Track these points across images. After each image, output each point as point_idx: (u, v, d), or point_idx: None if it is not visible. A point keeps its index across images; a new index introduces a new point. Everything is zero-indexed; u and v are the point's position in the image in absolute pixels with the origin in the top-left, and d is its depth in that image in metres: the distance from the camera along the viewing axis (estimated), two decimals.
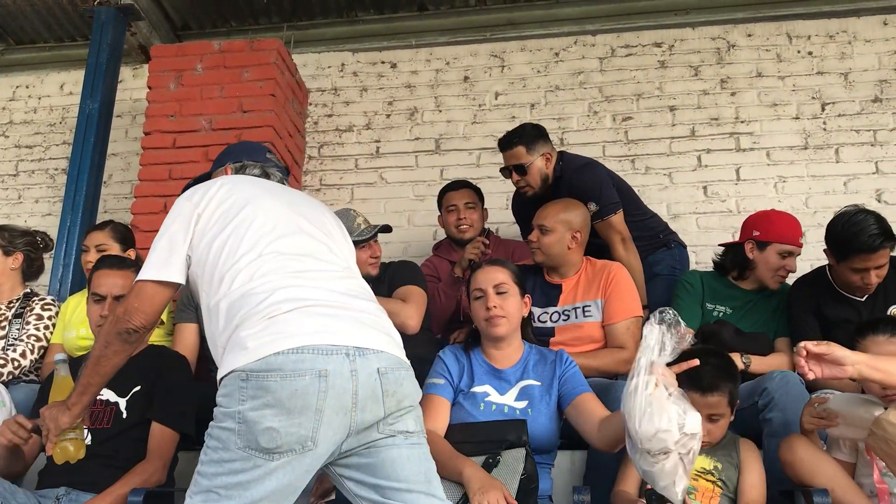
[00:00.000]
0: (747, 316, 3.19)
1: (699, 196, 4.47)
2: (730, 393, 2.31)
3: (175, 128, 4.39)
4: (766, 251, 3.15)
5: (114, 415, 2.54)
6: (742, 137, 4.52)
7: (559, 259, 3.19)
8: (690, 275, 3.33)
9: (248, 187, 2.12)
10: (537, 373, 2.53)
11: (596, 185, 3.54)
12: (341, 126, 4.92)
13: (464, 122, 4.82)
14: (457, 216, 3.88)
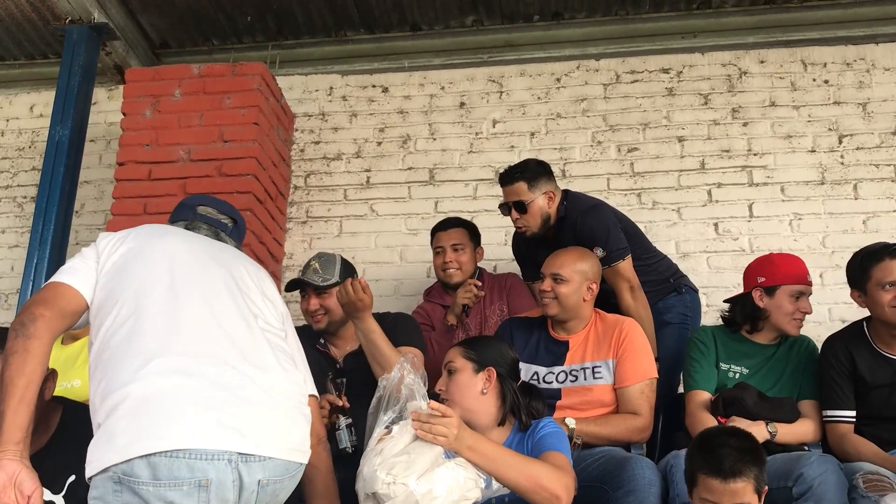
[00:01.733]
0: (766, 375, 2.98)
1: (710, 233, 4.26)
2: (755, 478, 2.08)
3: (151, 158, 4.14)
4: (777, 296, 2.97)
5: None
6: (755, 171, 4.31)
7: (573, 312, 2.99)
8: (703, 333, 3.11)
9: (153, 239, 2.06)
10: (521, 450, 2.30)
11: (603, 229, 3.34)
12: (329, 154, 4.68)
13: (459, 150, 4.59)
14: (443, 259, 3.66)
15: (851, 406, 2.79)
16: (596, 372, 2.91)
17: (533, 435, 2.35)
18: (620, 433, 2.82)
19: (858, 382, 2.81)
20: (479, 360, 2.37)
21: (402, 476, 1.83)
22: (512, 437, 2.37)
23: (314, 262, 3.11)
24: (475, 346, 2.43)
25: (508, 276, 3.78)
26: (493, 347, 2.46)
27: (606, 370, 2.90)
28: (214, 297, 1.97)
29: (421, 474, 1.85)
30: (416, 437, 1.93)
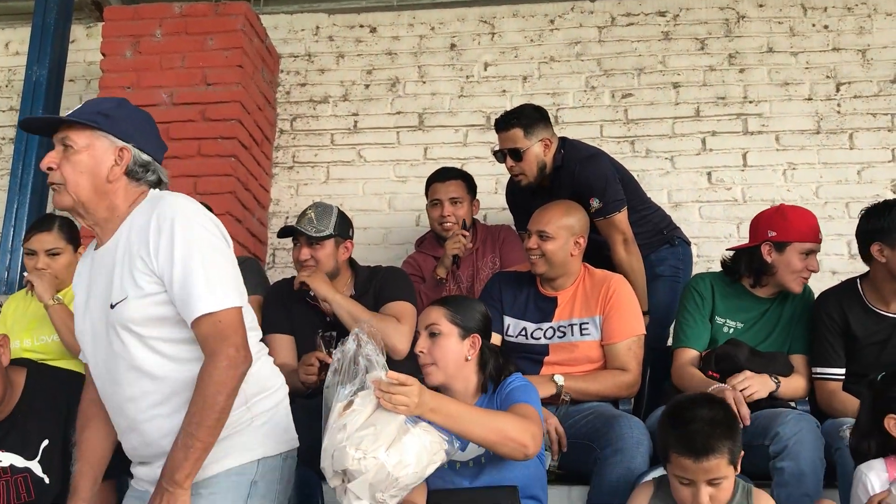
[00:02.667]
0: (760, 329, 2.94)
1: (703, 183, 4.23)
2: (729, 451, 2.02)
3: (132, 101, 3.96)
4: (786, 253, 2.83)
5: (32, 484, 2.21)
6: (750, 119, 4.25)
7: (561, 268, 2.95)
8: (700, 282, 3.01)
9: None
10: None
11: (601, 180, 3.29)
12: (316, 97, 4.58)
13: (450, 94, 4.50)
14: (441, 212, 3.61)
15: (841, 364, 2.79)
16: (583, 328, 2.90)
17: (500, 393, 2.32)
18: (608, 389, 2.82)
19: (850, 339, 2.79)
20: (464, 325, 2.32)
21: (371, 449, 1.80)
22: (482, 400, 2.34)
23: (310, 212, 3.04)
24: (461, 310, 2.35)
25: (502, 229, 3.74)
26: (476, 311, 2.40)
27: (594, 327, 2.89)
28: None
29: (389, 445, 1.83)
30: (378, 408, 1.88)
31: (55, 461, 2.22)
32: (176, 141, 3.94)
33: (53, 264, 3.12)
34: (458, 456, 2.17)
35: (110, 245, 1.95)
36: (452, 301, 2.41)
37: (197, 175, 3.91)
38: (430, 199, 3.69)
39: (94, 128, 1.93)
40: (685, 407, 2.13)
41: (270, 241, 4.44)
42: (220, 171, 3.91)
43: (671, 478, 2.09)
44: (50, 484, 2.22)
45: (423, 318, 2.35)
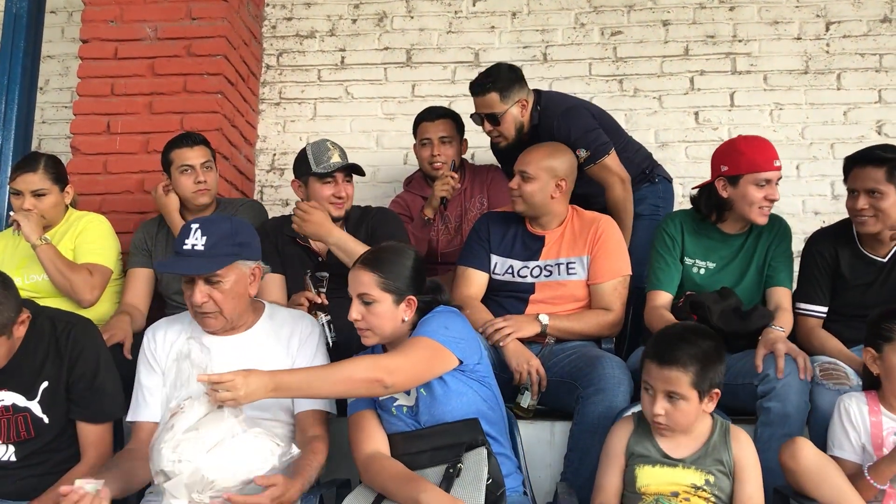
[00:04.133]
0: (734, 269, 2.92)
1: (690, 122, 4.22)
2: (695, 374, 2.07)
3: (116, 35, 3.95)
4: (740, 185, 2.77)
5: (31, 422, 2.25)
6: (739, 58, 4.23)
7: (541, 209, 2.97)
8: (671, 223, 2.96)
9: None
10: None
11: (581, 130, 3.30)
12: (302, 31, 4.50)
13: (438, 30, 4.43)
14: (430, 151, 3.60)
15: (825, 303, 2.83)
16: (570, 268, 2.94)
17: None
18: (592, 328, 2.88)
19: (838, 280, 2.82)
20: (397, 289, 2.23)
21: (188, 453, 1.86)
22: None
23: (332, 147, 3.02)
24: (391, 273, 2.23)
25: (490, 170, 3.74)
26: (405, 267, 2.27)
27: (581, 266, 2.93)
28: None
29: (210, 448, 1.87)
30: (210, 411, 1.93)
31: (55, 402, 2.26)
32: (161, 77, 3.91)
33: (40, 205, 3.11)
34: (403, 400, 2.22)
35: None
36: (381, 262, 2.26)
37: (183, 112, 3.86)
38: (418, 138, 3.67)
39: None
40: (680, 327, 2.30)
41: (258, 179, 4.43)
42: (207, 107, 3.86)
43: (642, 396, 2.18)
44: (49, 423, 2.26)
45: (354, 283, 2.25)
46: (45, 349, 2.27)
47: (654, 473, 2.12)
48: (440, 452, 2.11)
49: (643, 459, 2.15)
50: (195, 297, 2.24)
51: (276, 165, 4.41)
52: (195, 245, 2.24)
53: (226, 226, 2.31)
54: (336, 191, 3.00)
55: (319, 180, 2.98)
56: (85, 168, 3.83)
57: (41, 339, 2.28)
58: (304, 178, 3.02)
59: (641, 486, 2.12)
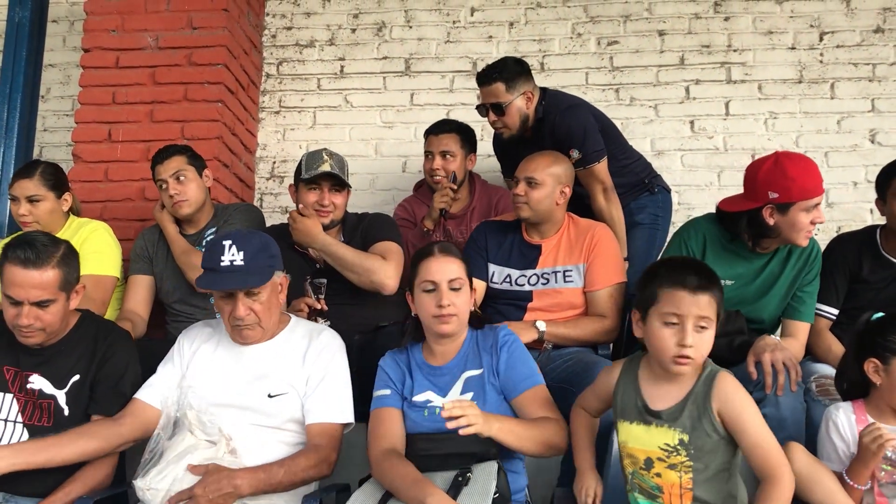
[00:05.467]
0: (754, 288, 2.80)
1: (685, 131, 4.25)
2: (718, 302, 1.97)
3: (117, 45, 3.99)
4: (790, 213, 2.57)
5: (53, 411, 2.33)
6: (734, 68, 4.26)
7: (546, 215, 3.01)
8: (693, 229, 2.80)
9: None
10: (477, 360, 2.36)
11: (580, 130, 3.32)
12: (302, 41, 4.53)
13: (436, 40, 4.46)
14: (431, 164, 3.63)
15: (837, 305, 2.84)
16: (567, 276, 2.97)
17: (496, 347, 2.37)
18: (588, 335, 2.90)
19: (859, 283, 2.84)
20: (469, 275, 2.37)
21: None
22: (469, 338, 2.41)
23: (327, 158, 3.06)
24: (467, 261, 2.41)
25: (501, 195, 3.69)
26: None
27: (577, 274, 2.95)
28: None
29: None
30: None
31: (80, 397, 2.35)
32: (162, 86, 3.94)
33: (35, 210, 3.15)
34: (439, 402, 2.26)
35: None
36: (459, 252, 2.40)
37: (184, 120, 3.89)
38: (424, 149, 3.70)
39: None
40: (677, 260, 2.26)
41: (258, 186, 4.45)
42: (207, 116, 3.89)
43: (654, 323, 1.98)
44: (68, 416, 2.33)
45: (443, 271, 2.30)
46: (84, 347, 2.39)
47: (631, 431, 2.07)
48: (452, 458, 2.14)
49: (624, 413, 2.09)
50: (239, 312, 2.28)
51: (276, 173, 4.44)
52: (234, 260, 2.28)
53: (257, 239, 2.37)
54: (320, 198, 3.05)
55: (306, 186, 3.05)
56: (86, 176, 3.85)
57: (83, 337, 2.41)
58: (296, 183, 3.10)
59: (621, 442, 2.10)
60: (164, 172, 3.21)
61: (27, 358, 2.36)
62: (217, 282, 2.31)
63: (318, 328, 2.50)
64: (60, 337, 2.38)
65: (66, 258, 2.32)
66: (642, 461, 2.03)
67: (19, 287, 2.22)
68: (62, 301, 2.30)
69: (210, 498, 2.06)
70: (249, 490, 2.12)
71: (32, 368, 2.35)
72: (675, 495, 1.99)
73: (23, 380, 2.34)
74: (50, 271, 2.25)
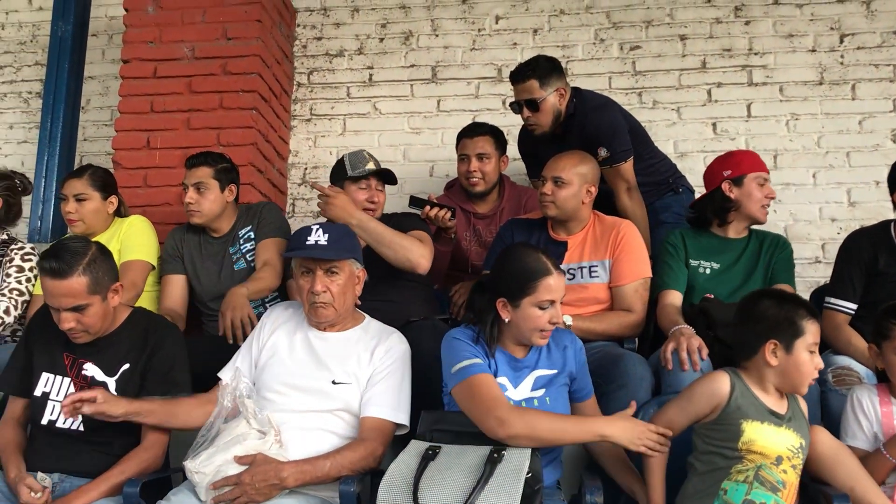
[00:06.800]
0: (739, 270, 3.04)
1: (708, 133, 4.31)
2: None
3: (155, 56, 4.12)
4: (745, 184, 3.04)
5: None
6: (755, 71, 4.31)
7: (572, 214, 3.07)
8: (672, 235, 3.17)
9: None
10: (551, 360, 2.43)
11: (610, 129, 3.38)
12: (332, 50, 4.65)
13: (462, 48, 4.57)
14: (467, 167, 3.68)
15: (855, 300, 2.87)
16: (592, 271, 3.02)
17: (573, 352, 2.47)
18: (614, 329, 2.95)
19: (876, 277, 2.87)
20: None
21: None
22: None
23: (367, 154, 3.22)
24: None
25: (530, 195, 3.72)
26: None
27: (603, 269, 3.01)
28: None
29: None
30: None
31: (130, 384, 2.45)
32: (198, 94, 4.06)
33: (81, 209, 3.28)
34: (511, 394, 2.33)
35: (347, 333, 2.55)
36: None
37: (219, 127, 4.01)
38: (458, 152, 3.74)
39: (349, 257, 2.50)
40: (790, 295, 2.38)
41: (290, 192, 4.56)
42: (242, 123, 4.01)
43: (801, 353, 2.15)
44: None
45: (562, 288, 2.36)
46: (135, 339, 2.50)
47: (762, 430, 2.11)
48: (485, 436, 2.17)
49: (749, 414, 2.13)
50: (316, 286, 2.42)
51: (308, 178, 4.54)
52: (318, 241, 2.46)
53: (342, 227, 2.60)
54: (369, 195, 3.15)
55: (354, 184, 3.13)
56: (126, 182, 3.96)
57: (134, 329, 2.52)
58: (340, 182, 3.16)
59: (745, 441, 2.10)
60: (187, 178, 3.29)
61: (82, 347, 2.46)
62: (301, 253, 2.48)
63: (388, 330, 2.59)
64: (111, 331, 2.49)
65: (95, 262, 2.36)
66: (773, 458, 2.11)
67: (52, 296, 2.33)
68: (98, 303, 2.38)
69: (257, 487, 2.14)
70: (295, 483, 2.19)
71: (86, 357, 2.46)
72: (791, 494, 2.12)
73: (79, 367, 2.46)
74: (76, 279, 2.31)
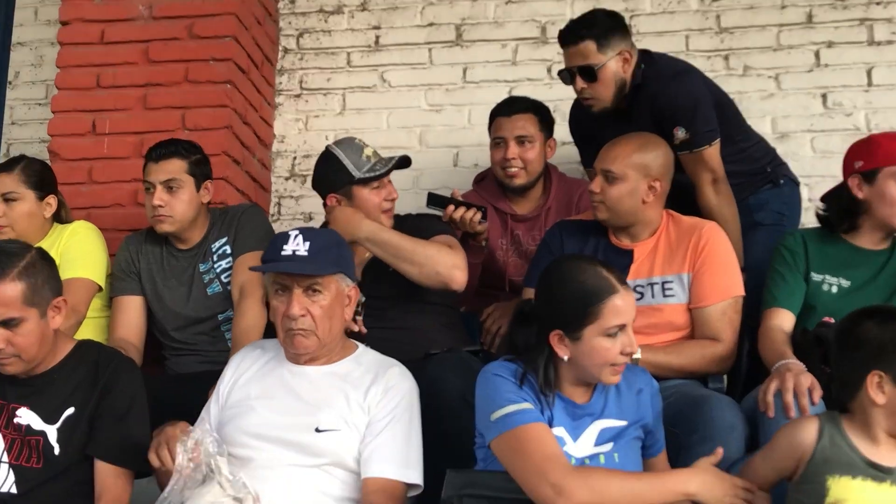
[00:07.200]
0: (876, 290, 2.95)
1: (816, 107, 4.30)
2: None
3: (102, 15, 4.17)
4: (878, 181, 2.90)
5: (42, 450, 2.45)
6: (877, 25, 4.30)
7: (630, 216, 3.06)
8: (790, 238, 3.09)
9: None
10: (621, 407, 2.42)
11: (690, 103, 3.35)
12: (327, 6, 4.69)
13: (494, 1, 4.58)
14: (504, 153, 3.67)
15: None
16: (667, 288, 3.01)
17: (650, 398, 2.49)
18: (696, 363, 2.93)
19: None
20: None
21: None
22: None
23: (372, 148, 3.27)
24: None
25: (584, 191, 3.62)
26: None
27: (680, 286, 2.99)
28: None
29: None
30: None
31: (74, 433, 2.47)
32: (158, 64, 4.11)
33: (10, 212, 3.34)
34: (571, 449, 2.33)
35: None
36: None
37: (185, 106, 4.05)
38: (492, 135, 3.73)
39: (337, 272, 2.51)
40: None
41: (275, 188, 4.59)
42: (213, 101, 4.05)
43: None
44: (59, 455, 2.45)
45: (633, 306, 2.37)
46: (82, 375, 2.53)
47: (855, 489, 2.12)
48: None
49: (839, 468, 2.14)
50: (293, 309, 2.41)
51: (297, 171, 4.58)
52: (296, 250, 2.45)
53: (329, 235, 2.59)
54: (387, 193, 3.21)
55: (364, 186, 3.15)
56: (66, 177, 3.95)
57: (81, 364, 2.54)
58: (345, 188, 3.17)
59: (837, 498, 2.12)
60: (154, 174, 3.31)
61: (14, 389, 2.49)
62: (272, 266, 2.49)
63: (387, 362, 2.58)
64: (51, 366, 2.51)
65: (33, 267, 2.40)
66: None
67: None
68: (34, 319, 2.40)
69: None
70: None
71: (20, 400, 2.48)
72: None
73: (10, 413, 2.47)
74: (9, 285, 2.35)
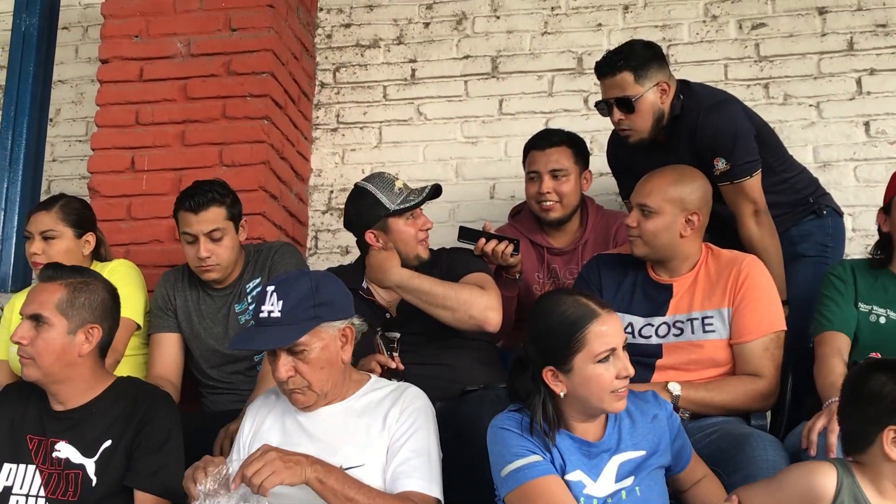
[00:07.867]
0: None
1: (859, 136, 4.26)
2: None
3: (141, 53, 4.24)
4: (893, 212, 2.95)
5: (80, 482, 2.49)
6: None
7: (667, 251, 3.04)
8: (839, 268, 3.10)
9: None
10: (637, 437, 2.40)
11: (731, 134, 3.34)
12: (363, 40, 4.73)
13: (531, 32, 4.61)
14: (538, 188, 3.66)
15: None
16: (707, 324, 2.98)
17: (665, 417, 2.47)
18: (738, 400, 2.90)
19: None
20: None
21: None
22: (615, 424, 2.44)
23: (402, 182, 3.29)
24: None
25: (622, 223, 3.52)
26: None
27: (720, 321, 2.96)
28: None
29: None
30: None
31: (111, 464, 2.51)
32: (195, 101, 4.16)
33: (49, 249, 3.36)
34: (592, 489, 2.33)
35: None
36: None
37: (222, 143, 4.09)
38: (526, 169, 3.74)
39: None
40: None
41: (311, 222, 4.62)
42: (250, 136, 4.08)
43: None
44: (96, 487, 2.49)
45: (620, 329, 2.39)
46: (120, 409, 2.58)
47: None
48: None
49: None
50: (279, 373, 2.40)
51: (334, 205, 4.60)
52: (272, 312, 2.41)
53: (304, 286, 2.47)
54: (423, 223, 3.25)
55: (399, 218, 3.17)
56: (105, 214, 4.03)
57: (119, 398, 2.60)
58: (381, 221, 3.19)
59: None
60: (196, 225, 3.27)
61: (53, 423, 2.55)
62: (246, 339, 2.55)
63: (402, 386, 2.59)
64: (90, 398, 2.58)
65: (84, 286, 2.59)
66: None
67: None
68: (60, 329, 2.51)
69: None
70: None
71: (59, 435, 2.54)
72: None
73: (48, 448, 2.53)
74: (52, 286, 2.55)
